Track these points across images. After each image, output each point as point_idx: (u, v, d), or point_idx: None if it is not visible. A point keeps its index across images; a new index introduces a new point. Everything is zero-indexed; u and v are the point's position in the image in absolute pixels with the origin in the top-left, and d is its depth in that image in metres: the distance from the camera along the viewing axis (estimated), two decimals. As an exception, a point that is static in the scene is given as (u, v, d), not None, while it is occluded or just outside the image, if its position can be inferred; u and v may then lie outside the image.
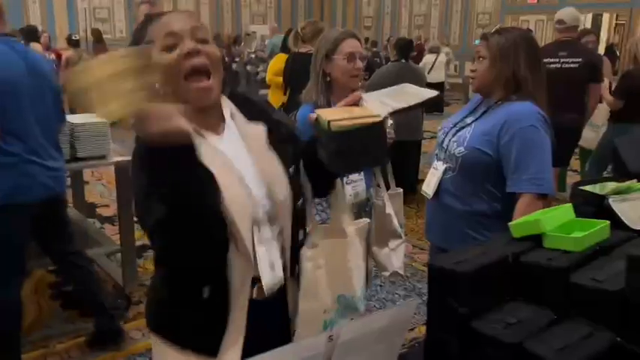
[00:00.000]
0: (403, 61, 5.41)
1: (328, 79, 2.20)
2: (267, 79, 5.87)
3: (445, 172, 2.01)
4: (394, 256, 2.42)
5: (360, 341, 0.95)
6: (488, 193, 1.95)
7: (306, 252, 1.29)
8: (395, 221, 2.38)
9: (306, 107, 2.23)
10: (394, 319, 1.02)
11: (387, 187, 2.40)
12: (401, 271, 2.47)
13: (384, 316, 1.01)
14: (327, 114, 1.20)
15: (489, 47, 1.89)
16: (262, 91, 11.30)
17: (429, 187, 2.07)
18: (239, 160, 1.19)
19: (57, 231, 2.55)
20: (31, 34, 7.47)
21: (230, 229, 1.10)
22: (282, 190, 1.22)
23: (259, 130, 1.24)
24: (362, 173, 2.25)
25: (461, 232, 1.99)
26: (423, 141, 5.90)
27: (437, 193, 2.04)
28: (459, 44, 15.37)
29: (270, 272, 1.20)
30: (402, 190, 2.48)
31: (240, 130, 1.23)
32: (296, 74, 4.91)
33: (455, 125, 2.05)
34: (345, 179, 2.22)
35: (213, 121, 1.21)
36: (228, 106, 1.25)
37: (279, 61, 5.39)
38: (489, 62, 1.89)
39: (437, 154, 2.10)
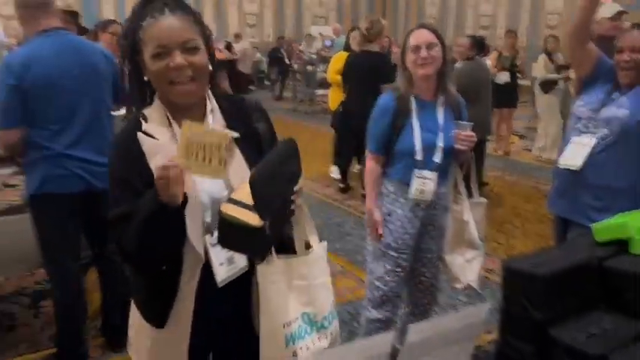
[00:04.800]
0: (477, 58, 5.15)
1: (407, 71, 2.22)
2: (328, 78, 5.93)
3: (597, 144, 2.11)
4: (469, 268, 2.33)
5: (429, 343, 0.90)
6: None
7: (260, 268, 1.27)
8: (473, 231, 2.30)
9: (387, 95, 2.29)
10: (465, 322, 0.97)
11: (470, 195, 2.34)
12: (475, 285, 2.38)
13: (453, 319, 0.96)
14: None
15: None
16: (320, 91, 11.44)
17: (574, 159, 2.16)
18: None
19: (96, 225, 2.46)
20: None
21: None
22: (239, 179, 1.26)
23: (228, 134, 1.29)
24: (435, 173, 2.19)
25: (589, 206, 2.13)
26: (487, 142, 5.67)
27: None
28: (527, 45, 14.85)
29: (223, 267, 1.27)
30: (485, 200, 2.40)
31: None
32: (357, 72, 5.04)
33: (600, 101, 2.17)
34: (415, 171, 2.18)
35: (193, 116, 1.25)
36: (210, 107, 1.32)
37: (339, 60, 5.40)
38: None
39: (579, 129, 2.20)
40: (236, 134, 1.27)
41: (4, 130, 2.20)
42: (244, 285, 1.32)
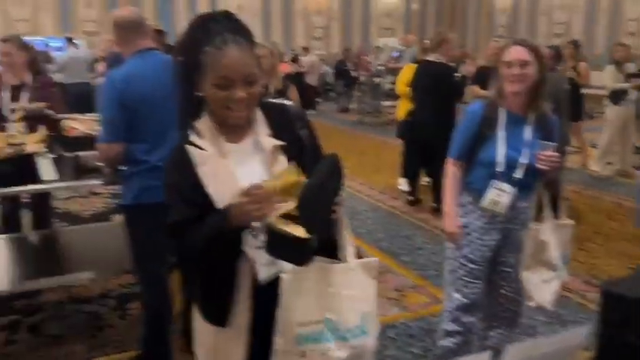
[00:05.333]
0: (557, 68, 4.97)
1: (499, 83, 2.21)
2: (396, 89, 5.95)
3: None
4: (545, 288, 2.27)
5: (527, 364, 0.90)
6: None
7: (287, 264, 1.30)
8: (552, 252, 2.24)
9: (476, 104, 2.31)
10: (562, 345, 0.95)
11: (556, 215, 2.28)
12: (549, 306, 2.31)
13: (551, 342, 0.95)
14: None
15: None
16: (387, 103, 11.41)
17: None
18: (250, 169, 1.34)
19: None
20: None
21: None
22: None
23: (273, 144, 1.37)
24: (514, 188, 2.17)
25: None
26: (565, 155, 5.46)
27: None
28: (603, 53, 14.16)
29: (264, 268, 1.35)
30: (572, 222, 2.33)
31: (258, 141, 1.37)
32: (420, 83, 5.08)
33: None
34: (494, 182, 2.17)
35: (239, 128, 1.36)
36: (256, 118, 1.39)
37: (408, 71, 5.41)
38: None
39: None
40: (281, 142, 1.35)
41: (108, 143, 2.34)
42: None
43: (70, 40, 8.79)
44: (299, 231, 1.22)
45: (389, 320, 3.05)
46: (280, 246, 1.24)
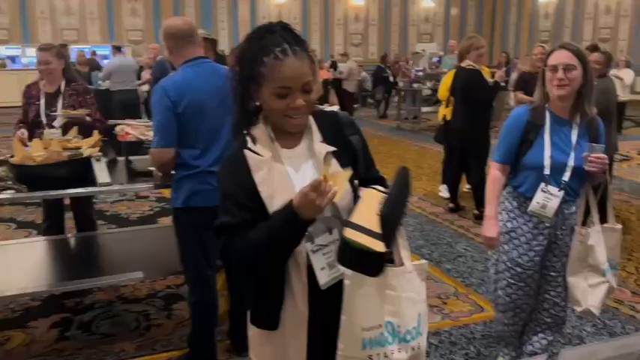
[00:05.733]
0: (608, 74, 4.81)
1: (544, 87, 2.21)
2: (438, 94, 5.97)
3: None
4: (592, 293, 2.24)
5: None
6: None
7: (347, 270, 1.32)
8: (599, 257, 2.21)
9: (522, 108, 2.32)
10: (620, 351, 0.95)
11: (604, 220, 2.25)
12: (595, 311, 2.27)
13: (608, 347, 0.94)
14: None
15: None
16: (426, 108, 11.33)
17: None
18: (303, 174, 1.38)
19: None
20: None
21: None
22: (345, 200, 1.36)
23: (326, 149, 1.40)
24: (561, 191, 2.17)
25: None
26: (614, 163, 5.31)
27: None
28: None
29: (324, 272, 1.36)
30: (620, 226, 2.30)
31: (312, 147, 1.41)
32: (454, 88, 5.15)
33: None
34: (542, 185, 2.18)
35: (293, 135, 1.41)
36: (309, 125, 1.43)
37: (449, 77, 5.43)
38: None
39: None
40: (333, 148, 1.39)
41: (161, 148, 2.42)
42: None
43: (117, 48, 9.08)
44: (377, 244, 1.24)
45: (431, 327, 3.03)
46: (355, 258, 1.26)
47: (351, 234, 1.25)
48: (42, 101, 3.45)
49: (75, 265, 3.16)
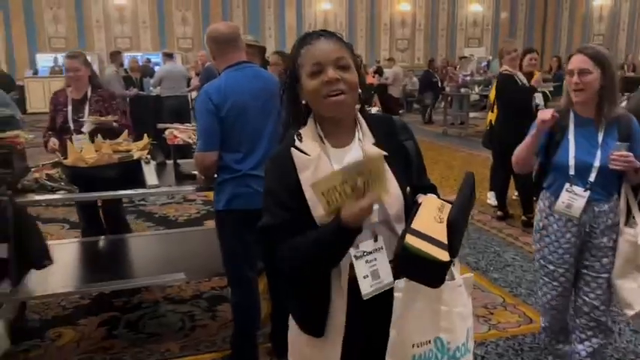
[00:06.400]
0: None
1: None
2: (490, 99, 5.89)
3: None
4: None
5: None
6: None
7: (398, 282, 1.27)
8: None
9: (547, 110, 2.30)
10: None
11: None
12: None
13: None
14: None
15: None
16: (473, 114, 11.11)
17: None
18: None
19: None
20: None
21: None
22: (395, 207, 1.33)
23: (377, 152, 1.34)
24: (587, 191, 2.16)
25: None
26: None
27: None
28: None
29: (367, 280, 1.31)
30: None
31: (363, 148, 1.37)
32: (496, 93, 5.10)
33: None
34: (566, 185, 2.19)
35: (343, 134, 1.39)
36: (360, 125, 1.41)
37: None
38: None
39: None
40: (384, 152, 1.33)
41: (205, 152, 2.46)
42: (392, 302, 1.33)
43: (168, 55, 9.32)
44: (442, 254, 1.18)
45: (477, 338, 2.94)
46: (416, 266, 1.20)
47: (413, 240, 1.18)
48: (69, 108, 3.53)
49: (121, 266, 3.25)
